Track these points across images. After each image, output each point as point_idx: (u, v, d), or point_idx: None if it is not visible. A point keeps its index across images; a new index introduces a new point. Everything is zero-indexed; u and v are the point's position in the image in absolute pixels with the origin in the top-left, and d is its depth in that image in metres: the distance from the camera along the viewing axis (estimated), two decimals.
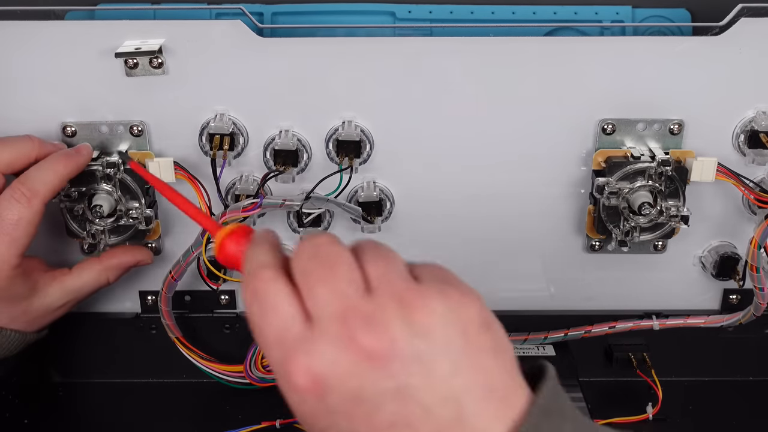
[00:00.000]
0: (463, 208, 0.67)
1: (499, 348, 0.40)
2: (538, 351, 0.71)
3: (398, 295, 0.39)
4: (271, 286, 0.41)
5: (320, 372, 0.38)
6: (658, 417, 0.67)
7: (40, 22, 0.60)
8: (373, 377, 0.38)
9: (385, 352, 0.38)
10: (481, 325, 0.40)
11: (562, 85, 0.62)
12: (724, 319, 0.68)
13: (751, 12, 0.60)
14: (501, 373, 0.39)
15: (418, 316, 0.39)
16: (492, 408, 0.39)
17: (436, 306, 0.39)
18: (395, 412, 0.38)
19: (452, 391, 0.38)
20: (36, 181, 0.58)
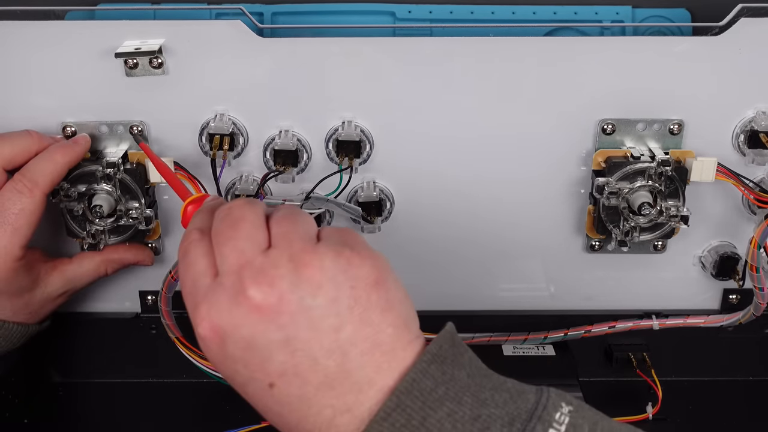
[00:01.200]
0: (463, 208, 0.67)
1: (388, 306, 0.43)
2: (538, 351, 0.71)
3: (292, 253, 0.42)
4: (192, 246, 0.45)
5: (217, 322, 0.42)
6: (658, 417, 0.67)
7: (40, 22, 0.60)
8: (262, 328, 0.41)
9: (272, 305, 0.41)
10: (372, 284, 0.43)
11: (562, 85, 0.62)
12: (724, 319, 0.68)
13: (751, 12, 0.60)
14: (388, 329, 0.42)
15: (307, 272, 0.42)
16: (376, 360, 0.41)
17: (326, 264, 0.42)
18: (284, 361, 0.41)
19: (337, 343, 0.41)
20: (36, 173, 0.59)
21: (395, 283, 0.44)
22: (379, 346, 0.42)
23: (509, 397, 0.41)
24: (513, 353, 0.71)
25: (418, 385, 0.41)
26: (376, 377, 0.41)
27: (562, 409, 0.41)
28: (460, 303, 0.71)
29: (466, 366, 0.42)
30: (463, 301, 0.71)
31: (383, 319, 0.42)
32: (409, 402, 0.40)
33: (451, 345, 0.43)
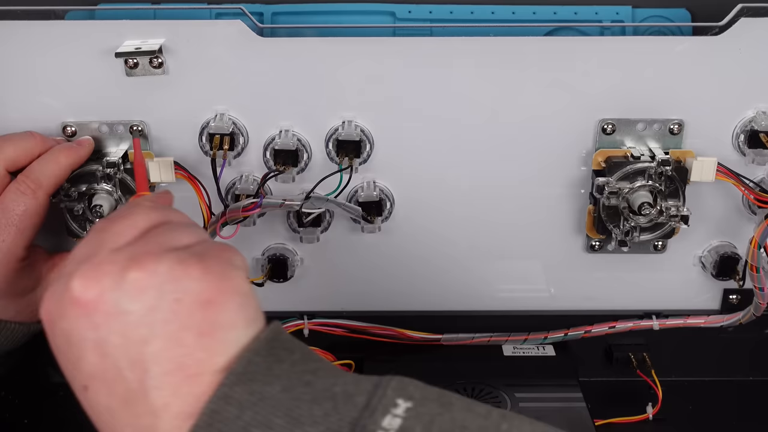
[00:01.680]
0: (463, 208, 0.67)
1: (210, 330, 0.38)
2: (538, 351, 0.71)
3: (136, 253, 0.40)
4: None
5: (47, 308, 0.40)
6: (658, 417, 0.67)
7: (40, 22, 0.60)
8: (77, 323, 0.39)
9: (89, 301, 0.39)
10: (200, 302, 0.39)
11: (562, 85, 0.62)
12: (724, 319, 0.68)
13: (751, 12, 0.60)
14: (200, 354, 0.38)
15: (134, 274, 0.39)
16: (176, 383, 0.37)
17: (160, 269, 0.39)
18: (95, 363, 0.39)
19: (142, 357, 0.38)
20: (40, 174, 0.59)
21: (235, 308, 0.39)
22: (183, 369, 0.38)
23: (332, 407, 0.37)
24: (513, 353, 0.71)
25: (220, 415, 0.36)
26: (172, 402, 0.37)
27: (396, 410, 0.36)
28: (460, 303, 0.71)
29: (283, 377, 0.38)
30: (463, 301, 0.71)
31: (198, 343, 0.38)
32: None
33: (267, 353, 0.38)
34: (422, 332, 0.70)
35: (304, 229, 0.65)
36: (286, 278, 0.68)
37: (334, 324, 0.70)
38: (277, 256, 0.67)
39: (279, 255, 0.67)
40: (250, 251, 0.68)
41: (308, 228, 0.65)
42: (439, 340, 0.71)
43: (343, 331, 0.70)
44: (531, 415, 0.63)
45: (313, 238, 0.65)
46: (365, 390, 0.37)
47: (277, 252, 0.67)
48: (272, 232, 0.68)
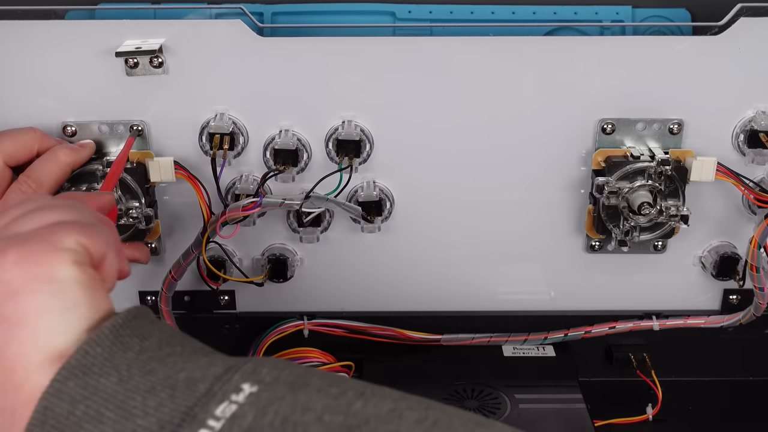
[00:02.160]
0: (463, 208, 0.67)
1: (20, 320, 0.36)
2: (539, 351, 0.71)
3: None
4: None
5: None
6: (658, 417, 0.67)
7: (40, 22, 0.60)
8: None
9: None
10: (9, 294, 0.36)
11: (562, 85, 0.62)
12: (725, 320, 0.68)
13: (751, 12, 0.60)
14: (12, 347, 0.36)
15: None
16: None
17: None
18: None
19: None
20: (41, 173, 0.59)
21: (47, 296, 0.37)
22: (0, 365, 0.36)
23: (168, 397, 0.34)
24: (513, 354, 0.71)
25: (52, 411, 0.34)
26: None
27: (236, 396, 0.34)
28: (460, 303, 0.71)
29: (122, 367, 0.36)
30: (463, 301, 0.71)
31: (8, 337, 0.36)
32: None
33: (112, 342, 0.36)
34: (422, 332, 0.70)
35: (304, 229, 0.65)
36: (286, 278, 0.68)
37: (333, 324, 0.70)
38: (277, 256, 0.67)
39: (279, 255, 0.67)
40: (250, 251, 0.68)
41: (308, 228, 0.65)
42: (439, 340, 0.71)
43: (342, 331, 0.70)
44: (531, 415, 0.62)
45: (313, 238, 0.65)
46: (212, 375, 0.35)
47: (277, 252, 0.67)
48: (272, 232, 0.67)
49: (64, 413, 0.34)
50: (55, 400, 0.34)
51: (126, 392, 0.35)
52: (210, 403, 0.34)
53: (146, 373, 0.35)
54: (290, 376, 0.36)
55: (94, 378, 0.35)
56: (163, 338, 0.38)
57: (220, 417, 0.33)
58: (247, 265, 0.69)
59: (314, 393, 0.35)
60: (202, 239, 0.62)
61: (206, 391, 0.34)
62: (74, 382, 0.35)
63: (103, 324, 0.37)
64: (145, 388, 0.35)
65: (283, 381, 0.35)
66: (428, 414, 0.34)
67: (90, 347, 0.36)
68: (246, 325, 0.71)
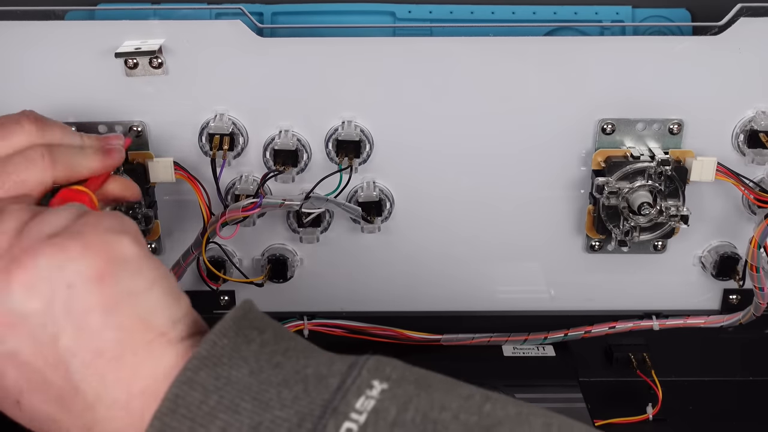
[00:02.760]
0: (463, 208, 0.67)
1: (113, 304, 0.37)
2: (538, 351, 0.71)
3: (13, 255, 0.37)
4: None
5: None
6: (658, 417, 0.67)
7: (40, 22, 0.60)
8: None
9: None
10: (93, 280, 0.37)
11: (562, 85, 0.62)
12: (724, 319, 0.68)
13: (751, 12, 0.60)
14: (110, 332, 0.36)
15: (18, 275, 0.36)
16: (99, 371, 0.36)
17: (41, 262, 0.37)
18: (17, 377, 0.37)
19: (57, 355, 0.36)
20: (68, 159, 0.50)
21: (130, 274, 0.38)
22: (101, 355, 0.36)
23: (302, 390, 0.35)
24: (513, 354, 0.71)
25: (185, 400, 0.35)
26: (102, 391, 0.36)
27: (371, 391, 0.35)
28: (459, 303, 0.71)
29: (250, 359, 0.36)
30: (462, 301, 0.71)
31: (105, 322, 0.36)
32: (176, 423, 0.34)
33: (235, 334, 0.37)
34: (422, 332, 0.70)
35: (303, 229, 0.65)
36: (285, 278, 0.68)
37: (333, 324, 0.70)
38: (276, 256, 0.67)
39: (279, 255, 0.67)
40: (250, 251, 0.68)
41: (308, 228, 0.65)
42: (439, 340, 0.71)
43: (342, 331, 0.70)
44: None
45: (313, 238, 0.65)
46: (339, 371, 0.36)
47: (277, 252, 0.67)
48: (272, 232, 0.67)
49: (196, 402, 0.35)
50: (188, 389, 0.35)
51: (259, 384, 0.35)
52: (348, 397, 0.34)
53: (275, 366, 0.36)
54: (412, 375, 0.36)
55: (225, 369, 0.36)
56: (277, 332, 0.39)
57: (361, 410, 0.34)
58: (247, 266, 0.69)
59: (444, 393, 0.36)
60: (202, 240, 0.62)
61: (339, 386, 0.35)
62: (206, 372, 0.35)
63: (224, 316, 0.38)
64: (278, 381, 0.35)
65: (409, 380, 0.36)
66: (552, 421, 0.36)
67: (217, 338, 0.36)
68: None
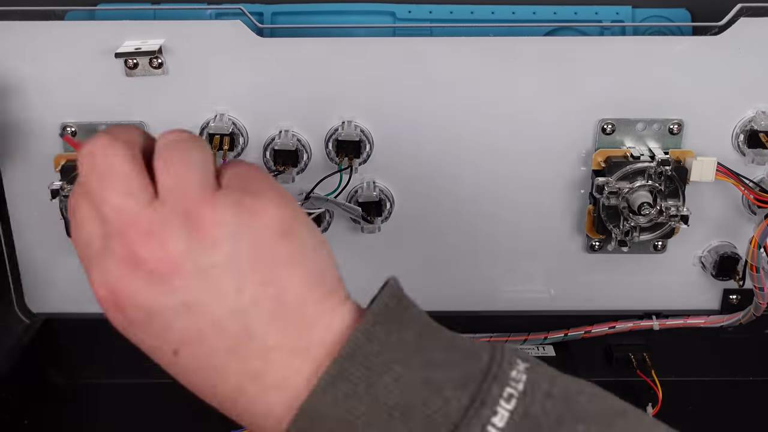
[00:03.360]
0: (463, 208, 0.67)
1: (296, 260, 0.39)
2: (538, 351, 0.71)
3: (186, 207, 0.38)
4: (78, 205, 0.41)
5: (112, 288, 0.39)
6: (658, 417, 0.67)
7: (40, 22, 0.60)
8: (157, 294, 0.38)
9: (166, 270, 0.37)
10: (277, 235, 0.38)
11: (562, 85, 0.62)
12: (724, 319, 0.68)
13: (751, 12, 0.60)
14: (296, 286, 0.38)
15: (203, 229, 0.38)
16: (282, 324, 0.38)
17: (226, 218, 0.38)
18: (186, 327, 0.38)
19: (239, 305, 0.37)
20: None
21: (308, 231, 0.40)
22: (284, 306, 0.38)
23: (461, 357, 0.38)
24: None
25: (362, 349, 0.37)
26: (282, 339, 0.38)
27: (518, 366, 0.37)
28: (459, 303, 0.71)
29: (414, 324, 0.39)
30: (462, 301, 0.71)
31: (290, 275, 0.38)
32: (353, 369, 0.36)
33: (398, 302, 0.39)
34: None
35: None
36: None
37: None
38: None
39: None
40: None
41: None
42: None
43: None
44: None
45: None
46: (485, 347, 0.38)
47: None
48: None
49: (373, 352, 0.37)
50: (365, 340, 0.37)
51: (425, 346, 0.38)
52: (503, 366, 0.37)
53: (433, 334, 0.39)
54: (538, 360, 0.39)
55: (395, 327, 0.38)
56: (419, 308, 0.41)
57: (517, 380, 0.37)
58: None
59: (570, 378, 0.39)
60: None
61: (491, 358, 0.38)
62: (380, 328, 0.38)
63: (388, 281, 0.40)
64: (440, 346, 0.38)
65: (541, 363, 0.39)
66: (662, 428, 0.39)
67: (388, 299, 0.39)
68: None
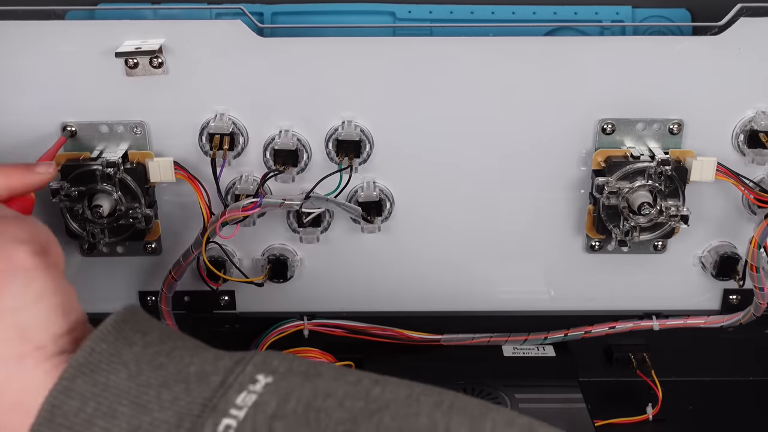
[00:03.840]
0: (463, 208, 0.67)
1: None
2: (538, 351, 0.71)
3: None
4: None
5: None
6: (658, 417, 0.67)
7: (40, 22, 0.60)
8: None
9: None
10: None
11: (562, 85, 0.62)
12: (724, 320, 0.68)
13: (751, 12, 0.60)
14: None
15: None
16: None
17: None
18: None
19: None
20: None
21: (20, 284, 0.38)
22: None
23: (183, 390, 0.35)
24: (513, 354, 0.71)
25: (61, 409, 0.34)
26: None
27: (254, 386, 0.34)
28: (459, 303, 0.71)
29: (130, 363, 0.36)
30: (462, 301, 0.71)
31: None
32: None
33: (115, 338, 0.37)
34: (422, 332, 0.70)
35: (304, 229, 0.65)
36: (286, 278, 0.68)
37: (333, 324, 0.70)
38: (277, 256, 0.67)
39: (279, 255, 0.67)
40: (250, 251, 0.68)
41: (308, 228, 0.65)
42: (439, 340, 0.71)
43: (342, 331, 0.70)
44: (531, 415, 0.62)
45: (313, 238, 0.65)
46: (223, 368, 0.36)
47: (277, 252, 0.67)
48: (272, 232, 0.67)
49: (73, 410, 0.34)
50: (64, 398, 0.34)
51: (138, 387, 0.35)
52: (228, 393, 0.34)
53: (156, 368, 0.36)
54: (302, 366, 0.36)
55: (103, 375, 0.35)
56: (164, 333, 0.38)
57: (241, 406, 0.34)
58: (247, 266, 0.69)
59: (331, 381, 0.35)
60: (202, 239, 0.62)
61: (221, 383, 0.35)
62: (83, 380, 0.35)
63: (104, 321, 0.37)
64: (158, 383, 0.35)
65: (296, 371, 0.36)
66: (443, 398, 0.35)
67: (95, 344, 0.36)
68: (246, 325, 0.71)
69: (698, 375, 0.73)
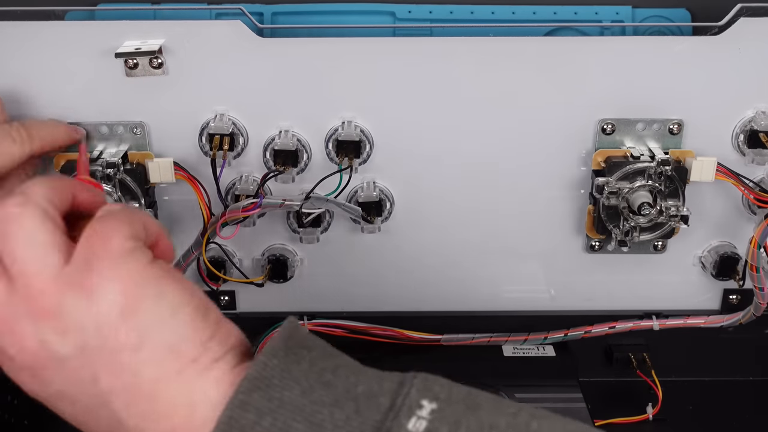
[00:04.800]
0: (463, 208, 0.67)
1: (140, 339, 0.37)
2: (538, 351, 0.71)
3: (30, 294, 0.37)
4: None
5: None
6: (658, 417, 0.67)
7: (40, 22, 0.60)
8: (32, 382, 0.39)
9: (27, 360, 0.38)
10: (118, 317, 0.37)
11: (562, 85, 0.62)
12: (724, 319, 0.68)
13: (751, 12, 0.60)
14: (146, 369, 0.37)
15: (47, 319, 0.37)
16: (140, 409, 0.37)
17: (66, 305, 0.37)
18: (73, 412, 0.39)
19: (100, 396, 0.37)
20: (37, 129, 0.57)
21: (154, 298, 0.38)
22: (138, 392, 0.37)
23: (354, 410, 0.35)
24: (513, 354, 0.71)
25: (239, 422, 0.35)
26: (147, 427, 0.37)
27: (421, 411, 0.35)
28: (459, 303, 0.71)
29: (302, 379, 0.36)
30: (462, 301, 0.71)
31: (137, 359, 0.37)
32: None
33: (285, 354, 0.37)
34: (422, 333, 0.70)
35: (304, 229, 0.65)
36: (285, 278, 0.68)
37: (333, 324, 0.70)
38: (277, 256, 0.67)
39: (279, 255, 0.67)
40: (250, 251, 0.68)
41: (308, 228, 0.65)
42: (439, 340, 0.71)
43: (343, 331, 0.70)
44: None
45: (313, 238, 0.65)
46: (389, 390, 0.36)
47: (277, 252, 0.67)
48: (272, 232, 0.67)
49: (250, 424, 0.35)
50: (241, 412, 0.35)
51: (311, 405, 0.35)
52: (399, 417, 0.35)
53: (325, 386, 0.36)
54: (460, 393, 0.37)
55: (277, 390, 0.36)
56: (325, 350, 0.38)
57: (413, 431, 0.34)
58: (247, 266, 0.69)
59: (491, 412, 0.36)
60: (202, 240, 0.62)
61: (390, 406, 0.35)
62: (259, 395, 0.35)
63: (273, 335, 0.38)
64: (330, 402, 0.36)
65: (456, 399, 0.36)
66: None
67: (268, 359, 0.36)
68: (246, 325, 0.70)
69: (698, 375, 0.73)
